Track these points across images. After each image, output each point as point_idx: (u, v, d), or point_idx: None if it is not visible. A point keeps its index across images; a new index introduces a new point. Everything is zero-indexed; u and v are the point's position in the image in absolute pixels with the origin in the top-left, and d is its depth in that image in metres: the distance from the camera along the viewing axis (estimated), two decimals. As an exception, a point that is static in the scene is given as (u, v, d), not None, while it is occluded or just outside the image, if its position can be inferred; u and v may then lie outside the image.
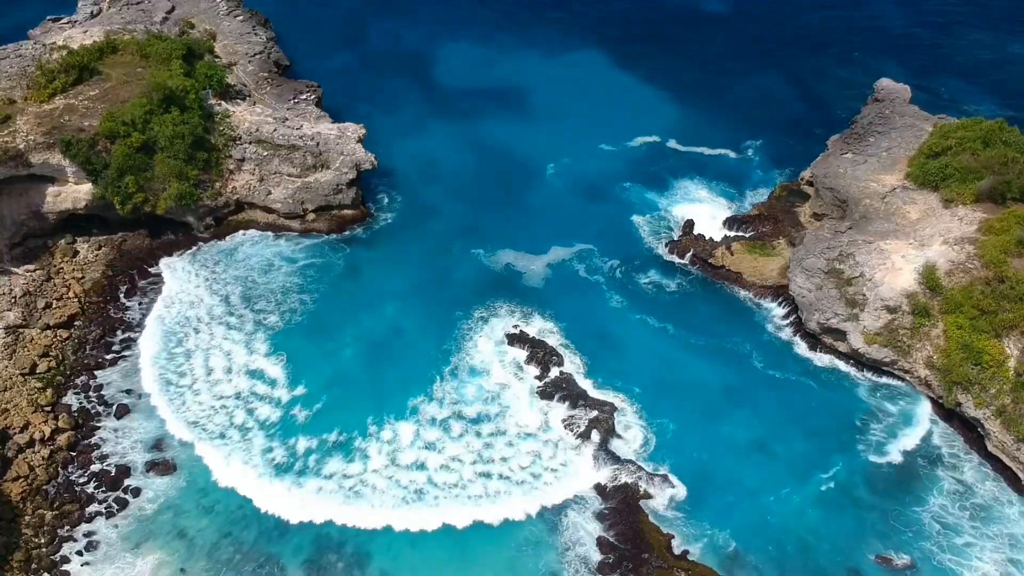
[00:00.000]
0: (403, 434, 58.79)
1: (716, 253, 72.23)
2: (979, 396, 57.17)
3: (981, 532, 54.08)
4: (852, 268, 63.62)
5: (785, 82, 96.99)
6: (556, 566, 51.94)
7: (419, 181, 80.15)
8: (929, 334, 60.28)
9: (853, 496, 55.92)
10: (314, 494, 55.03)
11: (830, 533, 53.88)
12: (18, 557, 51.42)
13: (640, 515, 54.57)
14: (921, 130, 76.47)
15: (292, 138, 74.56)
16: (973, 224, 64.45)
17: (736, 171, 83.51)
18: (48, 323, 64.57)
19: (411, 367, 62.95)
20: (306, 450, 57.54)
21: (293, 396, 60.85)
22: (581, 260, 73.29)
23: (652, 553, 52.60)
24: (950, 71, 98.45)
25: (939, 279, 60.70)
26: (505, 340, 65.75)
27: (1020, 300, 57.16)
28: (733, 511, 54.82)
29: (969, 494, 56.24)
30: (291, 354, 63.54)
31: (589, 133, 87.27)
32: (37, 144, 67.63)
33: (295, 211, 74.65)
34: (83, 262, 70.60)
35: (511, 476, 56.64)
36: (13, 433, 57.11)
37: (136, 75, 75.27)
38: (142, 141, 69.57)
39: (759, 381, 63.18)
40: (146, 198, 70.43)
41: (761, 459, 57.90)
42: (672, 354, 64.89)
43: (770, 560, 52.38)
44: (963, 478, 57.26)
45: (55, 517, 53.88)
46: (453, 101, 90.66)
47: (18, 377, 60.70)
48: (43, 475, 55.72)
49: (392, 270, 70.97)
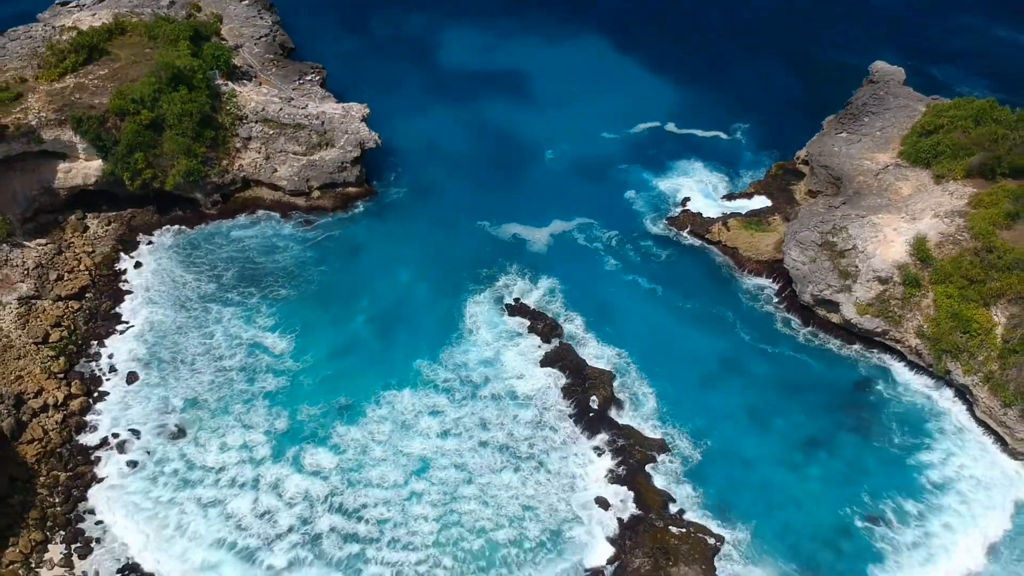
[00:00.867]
0: (406, 401, 60.19)
1: (713, 229, 73.84)
2: (967, 363, 58.75)
3: (965, 491, 55.75)
4: (845, 241, 65.19)
5: (781, 66, 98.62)
6: (559, 526, 53.40)
7: (422, 161, 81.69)
8: (920, 304, 61.82)
9: (844, 458, 57.44)
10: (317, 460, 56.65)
11: (821, 493, 55.44)
12: (34, 515, 52.88)
13: (638, 476, 56.11)
14: (914, 110, 77.99)
15: (297, 117, 76.04)
16: (963, 199, 65.99)
17: (733, 151, 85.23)
18: (60, 295, 66.01)
19: (417, 335, 64.57)
20: (310, 416, 58.95)
21: (299, 365, 62.20)
22: (583, 235, 75.10)
23: (649, 512, 54.16)
24: (943, 55, 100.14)
25: (929, 250, 62.26)
26: (507, 311, 67.31)
27: (1007, 269, 58.74)
28: (727, 472, 56.49)
29: (954, 456, 57.77)
30: (297, 325, 64.93)
31: (588, 115, 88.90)
32: (49, 121, 69.11)
33: (301, 188, 76.13)
34: (93, 237, 72.10)
35: (513, 442, 58.02)
36: (28, 398, 58.55)
37: (144, 56, 76.73)
38: (151, 119, 71.03)
39: (752, 350, 64.76)
40: (155, 174, 71.92)
41: (754, 423, 59.57)
42: (669, 323, 66.63)
43: (762, 518, 53.91)
44: (949, 441, 58.78)
45: (69, 478, 55.36)
46: (455, 84, 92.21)
47: (31, 346, 62.13)
48: (57, 439, 57.20)
49: (398, 244, 72.62)
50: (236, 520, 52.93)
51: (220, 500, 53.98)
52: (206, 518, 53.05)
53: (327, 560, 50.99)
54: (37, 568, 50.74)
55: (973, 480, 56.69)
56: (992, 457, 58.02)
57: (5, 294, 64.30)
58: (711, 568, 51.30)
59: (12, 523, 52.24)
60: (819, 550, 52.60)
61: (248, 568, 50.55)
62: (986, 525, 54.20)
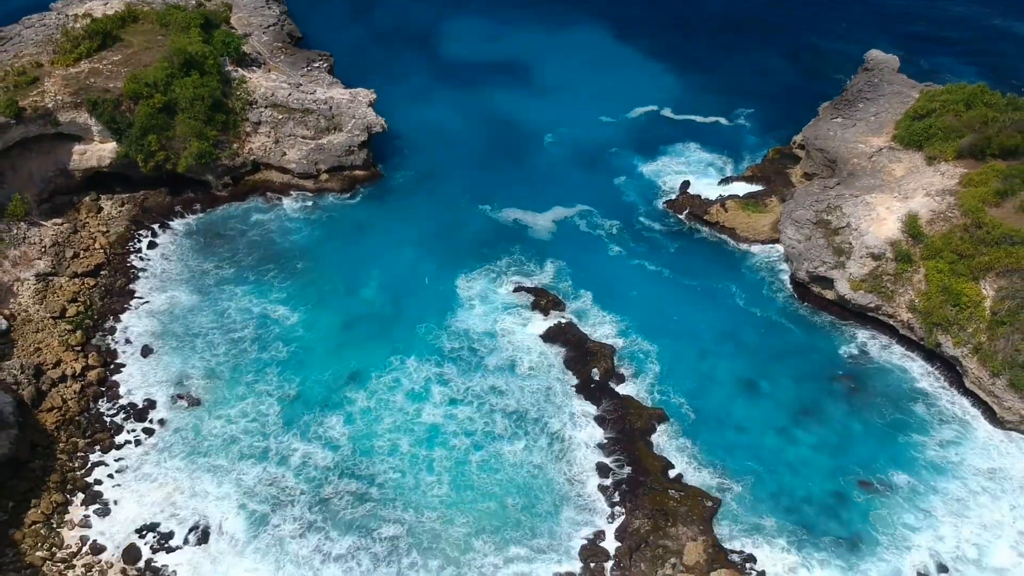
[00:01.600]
0: (413, 370, 62.12)
1: (711, 210, 75.72)
2: (957, 335, 60.54)
3: (954, 458, 57.65)
4: (839, 219, 67.05)
5: (778, 55, 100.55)
6: (561, 488, 55.26)
7: (427, 146, 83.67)
8: (911, 279, 63.64)
9: (838, 426, 59.26)
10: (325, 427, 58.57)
11: (814, 459, 57.23)
12: (54, 478, 54.74)
13: (638, 443, 57.95)
14: (908, 96, 79.80)
15: (306, 102, 78.01)
16: (954, 178, 67.83)
17: (731, 137, 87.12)
18: (76, 271, 67.94)
19: (422, 309, 66.54)
20: (320, 385, 60.83)
21: (309, 337, 64.18)
22: (583, 216, 76.81)
23: (648, 477, 56.01)
24: (937, 45, 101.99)
25: (921, 227, 64.10)
26: (509, 288, 69.21)
27: (996, 244, 60.53)
28: (725, 439, 58.21)
29: (944, 423, 59.68)
30: (306, 300, 66.95)
31: (589, 102, 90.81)
32: (65, 103, 71.08)
33: (309, 171, 78.08)
34: (107, 217, 74.04)
35: (518, 410, 59.90)
36: (46, 369, 60.41)
37: (157, 42, 78.73)
38: (164, 102, 73.00)
39: (749, 326, 66.61)
40: (167, 156, 73.88)
41: (750, 393, 61.37)
42: (668, 299, 68.43)
43: (757, 482, 55.71)
44: (939, 410, 60.68)
45: (87, 444, 57.21)
46: (459, 72, 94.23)
47: (49, 320, 64.01)
48: (75, 407, 59.04)
49: (403, 225, 74.55)
50: (249, 484, 54.75)
51: (233, 466, 55.81)
52: (220, 483, 54.87)
53: (341, 521, 52.79)
54: (58, 528, 52.59)
55: (960, 449, 58.37)
56: (979, 427, 59.72)
57: (23, 270, 66.25)
58: (708, 528, 53.10)
59: (33, 486, 54.12)
60: (813, 512, 54.34)
61: (262, 530, 52.28)
62: (971, 492, 55.82)
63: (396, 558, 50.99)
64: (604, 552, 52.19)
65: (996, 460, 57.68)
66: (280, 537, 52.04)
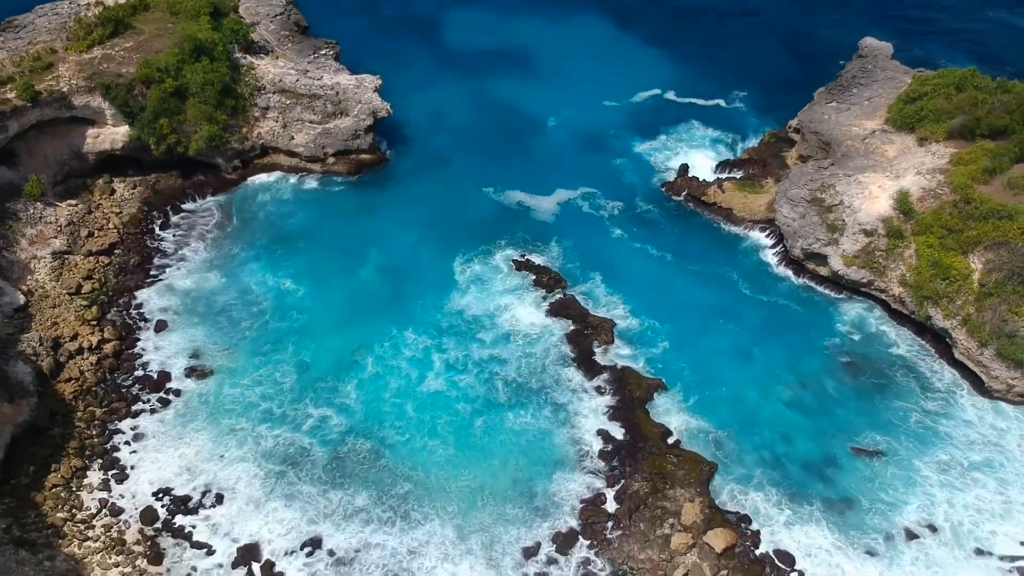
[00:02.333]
0: (419, 342, 64.17)
1: (708, 191, 77.65)
2: (947, 308, 62.46)
3: (942, 425, 59.71)
4: (833, 197, 68.96)
5: (775, 42, 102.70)
6: (562, 452, 57.22)
7: (432, 130, 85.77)
8: (902, 254, 65.55)
9: (831, 395, 61.23)
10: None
11: (809, 426, 59.22)
12: (73, 445, 56.72)
13: (638, 411, 59.87)
14: (901, 82, 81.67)
15: (313, 88, 79.89)
16: (944, 158, 69.74)
17: (728, 121, 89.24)
18: (91, 250, 69.87)
19: (428, 285, 68.84)
20: (329, 355, 62.90)
21: (318, 312, 66.24)
22: (585, 198, 79.04)
23: (647, 443, 57.92)
24: (931, 34, 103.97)
25: (912, 204, 66.02)
26: (514, 265, 71.18)
27: (984, 219, 62.46)
28: (721, 408, 60.34)
29: (931, 393, 61.65)
30: (315, 277, 68.96)
31: (591, 88, 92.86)
32: (79, 88, 72.99)
33: (316, 155, 80.00)
34: (120, 199, 75.94)
35: (521, 380, 61.87)
36: (64, 342, 62.34)
37: (167, 30, 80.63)
38: (175, 87, 74.91)
39: (745, 301, 68.65)
40: (179, 140, 75.79)
41: (746, 364, 63.49)
42: (667, 276, 70.62)
43: (753, 449, 57.74)
44: (929, 381, 62.64)
45: (104, 413, 59.17)
46: (463, 60, 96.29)
47: (65, 296, 65.94)
48: (92, 378, 60.98)
49: (408, 206, 76.67)
50: (264, 447, 56.77)
51: (246, 430, 57.85)
52: (236, 447, 56.92)
53: (355, 477, 55.06)
54: (78, 491, 54.54)
55: (949, 417, 60.31)
56: (967, 397, 61.65)
57: (40, 248, 68.18)
58: (705, 490, 55.02)
59: (53, 452, 56.13)
60: (806, 476, 56.30)
61: (279, 488, 54.31)
62: (958, 457, 57.76)
63: (405, 513, 53.12)
64: (604, 513, 54.07)
65: (982, 428, 59.57)
66: (296, 494, 54.16)
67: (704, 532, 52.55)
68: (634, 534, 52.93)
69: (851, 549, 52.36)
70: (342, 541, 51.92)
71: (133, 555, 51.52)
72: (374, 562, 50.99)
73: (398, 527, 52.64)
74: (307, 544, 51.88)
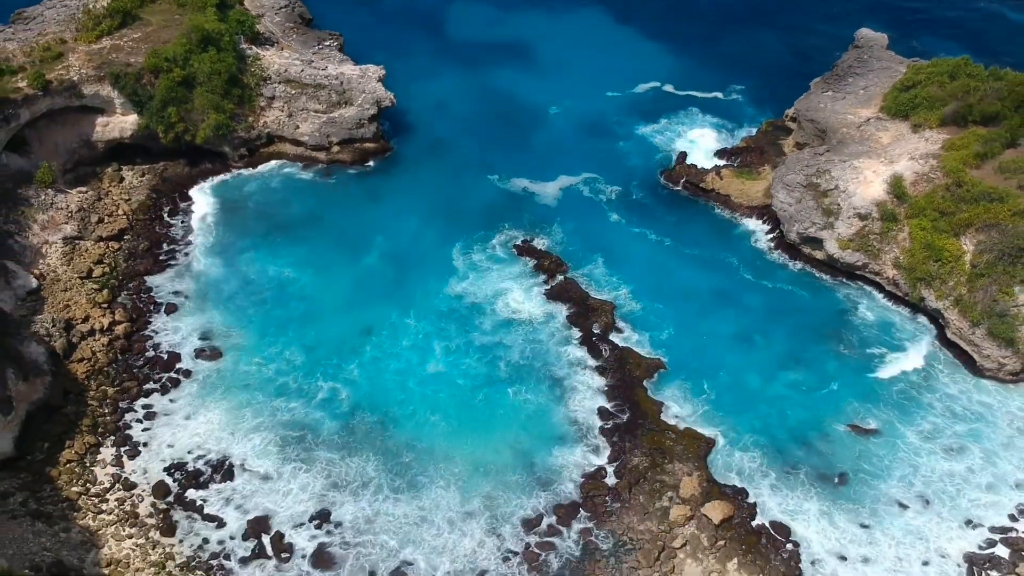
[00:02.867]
0: (423, 325, 65.62)
1: (707, 178, 79.09)
2: (939, 289, 63.91)
3: (935, 403, 61.25)
4: (828, 182, 70.42)
5: (772, 36, 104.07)
6: (563, 430, 58.66)
7: (435, 119, 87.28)
8: (896, 237, 66.96)
9: (825, 373, 62.71)
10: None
11: (804, 402, 60.73)
12: (86, 422, 58.13)
13: (637, 390, 61.31)
14: (896, 72, 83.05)
15: (318, 78, 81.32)
16: (937, 144, 71.20)
17: (726, 111, 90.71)
18: (101, 235, 71.28)
19: (431, 269, 70.34)
20: (334, 338, 64.38)
21: (322, 295, 67.68)
22: (586, 184, 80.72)
23: (647, 419, 59.35)
24: (926, 26, 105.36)
25: (905, 188, 67.45)
26: (515, 251, 72.64)
27: (975, 201, 63.95)
28: (718, 386, 61.87)
29: (928, 373, 63.13)
30: (320, 262, 70.39)
31: (591, 80, 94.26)
32: (89, 77, 74.44)
33: (321, 143, 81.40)
34: (129, 186, 77.34)
35: (522, 360, 63.33)
36: (76, 324, 63.75)
37: (174, 21, 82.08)
38: (183, 76, 76.35)
39: (742, 284, 70.15)
40: (186, 128, 77.23)
41: (743, 344, 65.02)
42: (666, 260, 72.20)
43: (749, 425, 59.19)
44: (924, 360, 64.07)
45: (116, 392, 60.57)
46: (465, 51, 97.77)
47: (76, 280, 67.35)
48: (104, 358, 62.37)
49: (412, 193, 78.19)
50: (272, 425, 58.22)
51: (255, 409, 59.29)
52: (244, 425, 58.34)
53: (362, 450, 56.73)
54: (91, 467, 55.94)
55: (943, 395, 61.79)
56: (960, 375, 63.13)
57: (51, 234, 69.61)
58: (703, 465, 56.45)
59: (67, 429, 57.55)
60: (801, 451, 57.76)
61: (288, 462, 55.84)
62: (955, 434, 59.28)
63: (406, 482, 54.84)
64: (605, 486, 55.50)
65: (971, 405, 61.05)
66: (304, 469, 55.74)
67: (702, 504, 53.95)
68: (634, 506, 54.35)
69: (843, 519, 53.84)
70: (349, 512, 53.32)
71: (146, 527, 52.93)
72: (383, 529, 52.37)
73: (406, 495, 54.10)
74: (315, 516, 53.25)
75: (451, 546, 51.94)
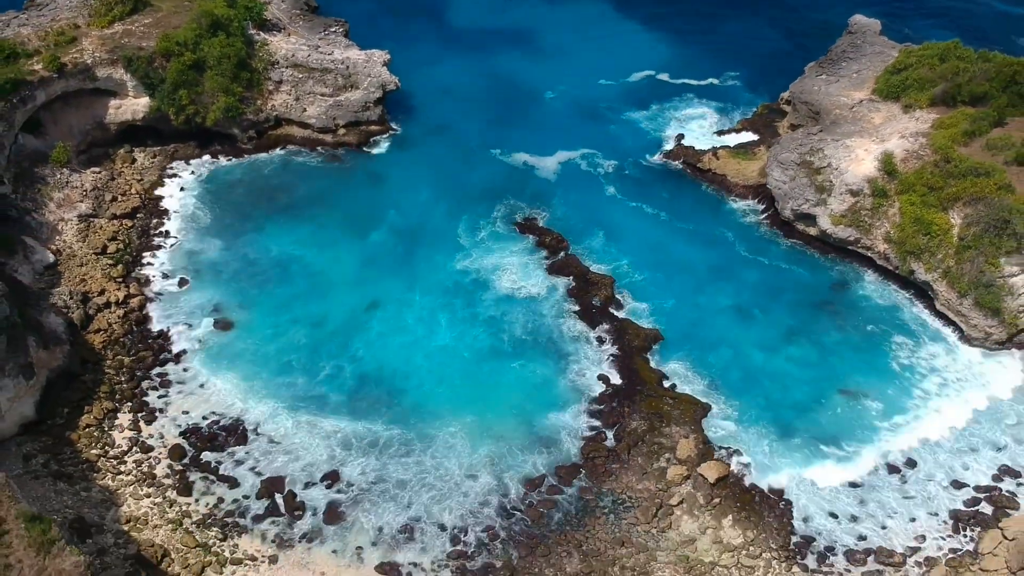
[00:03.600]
0: (427, 300, 67.72)
1: (703, 159, 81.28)
2: (928, 262, 66.00)
3: (924, 369, 63.41)
4: (821, 159, 72.50)
5: (767, 24, 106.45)
6: (565, 397, 60.79)
7: (437, 102, 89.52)
8: (887, 213, 69.06)
9: (819, 343, 64.82)
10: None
11: (798, 371, 62.79)
12: (103, 389, 60.06)
13: (636, 359, 63.40)
14: (888, 56, 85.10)
15: (324, 62, 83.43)
16: (927, 123, 73.28)
17: (722, 96, 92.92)
18: (115, 213, 73.35)
19: (434, 246, 72.31)
20: (342, 313, 66.49)
21: (330, 272, 69.76)
22: (584, 158, 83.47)
23: (645, 386, 61.48)
24: (919, 15, 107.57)
25: (895, 165, 69.53)
26: (516, 227, 74.80)
27: (963, 176, 65.98)
28: (714, 355, 63.83)
29: (915, 342, 65.31)
30: (327, 240, 72.45)
31: (589, 67, 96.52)
32: (102, 60, 76.50)
33: (328, 126, 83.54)
34: (140, 167, 79.46)
35: (525, 333, 65.42)
36: (92, 296, 65.81)
37: (184, 7, 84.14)
38: (193, 60, 78.40)
39: (738, 259, 72.26)
40: (197, 110, 79.33)
41: (739, 316, 67.02)
42: (665, 237, 74.27)
43: (744, 391, 61.25)
44: (911, 330, 66.27)
45: (132, 361, 62.61)
46: (467, 38, 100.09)
47: (91, 256, 69.41)
48: (119, 329, 64.39)
49: (416, 173, 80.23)
50: (287, 390, 60.33)
51: (267, 373, 61.40)
52: (257, 391, 60.35)
53: (374, 412, 58.89)
54: (110, 431, 57.96)
55: (932, 364, 63.92)
56: (948, 344, 65.30)
57: (67, 211, 71.71)
58: (699, 428, 58.56)
59: (85, 395, 59.45)
60: (797, 417, 59.82)
61: (301, 426, 57.91)
62: (944, 400, 61.46)
63: (413, 445, 57.04)
64: (604, 448, 57.60)
65: (960, 372, 63.16)
66: (317, 432, 57.71)
67: (698, 465, 56.03)
68: (632, 467, 56.43)
69: (835, 478, 55.92)
70: (359, 471, 55.38)
71: (163, 487, 54.88)
72: (391, 488, 54.56)
73: (413, 457, 56.30)
74: (326, 476, 55.31)
75: (456, 504, 53.96)
